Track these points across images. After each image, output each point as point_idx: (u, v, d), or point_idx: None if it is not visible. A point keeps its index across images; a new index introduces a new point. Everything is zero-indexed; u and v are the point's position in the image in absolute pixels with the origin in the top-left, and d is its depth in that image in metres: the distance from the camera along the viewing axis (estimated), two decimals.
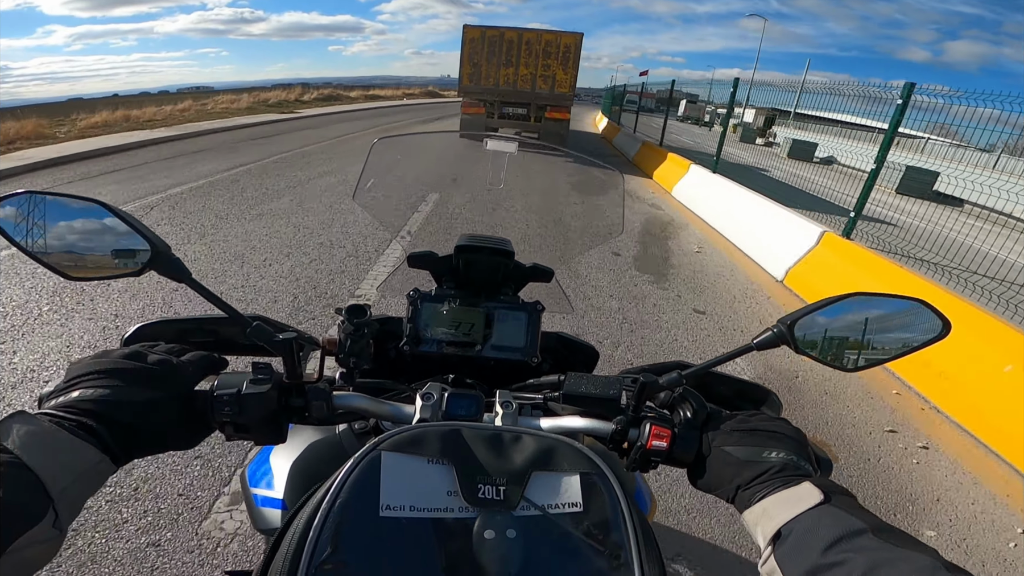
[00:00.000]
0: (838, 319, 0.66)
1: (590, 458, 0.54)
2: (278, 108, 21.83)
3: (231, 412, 0.59)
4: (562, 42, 13.14)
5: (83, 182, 6.94)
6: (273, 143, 11.83)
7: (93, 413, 0.51)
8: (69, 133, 10.86)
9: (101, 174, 7.46)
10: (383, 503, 0.47)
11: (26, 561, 0.42)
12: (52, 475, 0.44)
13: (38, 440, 0.46)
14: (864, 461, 2.73)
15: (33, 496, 0.43)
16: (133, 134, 11.16)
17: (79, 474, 0.47)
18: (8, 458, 0.43)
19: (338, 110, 23.89)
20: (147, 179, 7.25)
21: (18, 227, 0.57)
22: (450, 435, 0.54)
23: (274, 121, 16.79)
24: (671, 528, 2.10)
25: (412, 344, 0.90)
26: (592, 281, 4.60)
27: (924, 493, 2.57)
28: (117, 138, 10.52)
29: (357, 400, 0.68)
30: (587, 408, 0.69)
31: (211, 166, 8.46)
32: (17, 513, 0.41)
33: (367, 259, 4.65)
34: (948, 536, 2.33)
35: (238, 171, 8.22)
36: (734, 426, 0.63)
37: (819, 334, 0.65)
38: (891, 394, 3.46)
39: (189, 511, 1.95)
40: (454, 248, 0.96)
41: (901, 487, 2.58)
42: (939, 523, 2.40)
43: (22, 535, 0.41)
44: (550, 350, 0.98)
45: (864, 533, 0.46)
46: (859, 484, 2.54)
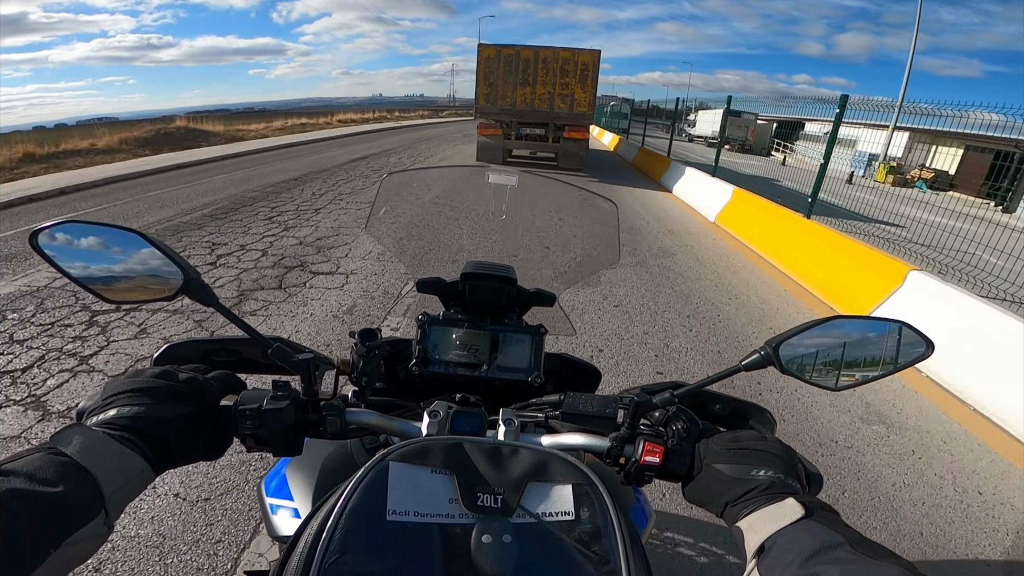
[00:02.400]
0: (822, 340, 0.67)
1: (582, 470, 0.56)
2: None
3: (253, 426, 0.62)
4: (579, 59, 12.58)
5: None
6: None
7: (133, 428, 0.56)
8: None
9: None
10: (390, 508, 0.50)
11: (77, 554, 0.46)
12: (106, 477, 0.49)
13: (94, 447, 0.51)
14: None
15: (91, 494, 0.47)
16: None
17: (127, 478, 0.52)
18: (69, 460, 0.48)
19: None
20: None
21: (61, 253, 0.62)
22: (452, 448, 0.57)
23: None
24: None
25: (421, 365, 0.92)
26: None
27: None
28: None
29: (368, 416, 0.71)
30: (585, 426, 0.71)
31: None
32: (77, 508, 0.46)
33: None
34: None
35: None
36: (725, 444, 0.64)
37: (804, 355, 0.67)
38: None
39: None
40: (460, 275, 0.99)
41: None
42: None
43: (79, 529, 0.45)
44: (554, 370, 0.99)
45: (841, 546, 0.48)
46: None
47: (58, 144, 13.60)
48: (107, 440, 0.53)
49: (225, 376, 0.69)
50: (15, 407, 2.66)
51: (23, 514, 0.42)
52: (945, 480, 2.68)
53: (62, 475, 0.46)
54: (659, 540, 2.09)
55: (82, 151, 13.60)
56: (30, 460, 0.47)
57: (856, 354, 0.69)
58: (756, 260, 6.62)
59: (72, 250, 0.63)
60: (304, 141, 19.13)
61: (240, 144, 17.49)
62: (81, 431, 0.53)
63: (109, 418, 0.56)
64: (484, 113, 13.31)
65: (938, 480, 2.67)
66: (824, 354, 0.68)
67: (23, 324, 3.64)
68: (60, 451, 0.49)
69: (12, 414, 2.60)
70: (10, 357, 3.17)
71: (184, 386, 0.62)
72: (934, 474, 2.72)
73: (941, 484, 2.64)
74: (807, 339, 0.66)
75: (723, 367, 0.67)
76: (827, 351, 0.68)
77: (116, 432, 0.55)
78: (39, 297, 4.12)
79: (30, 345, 3.33)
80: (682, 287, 5.33)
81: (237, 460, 2.32)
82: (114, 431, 0.55)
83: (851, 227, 6.84)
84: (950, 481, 2.67)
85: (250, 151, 15.52)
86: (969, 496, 2.57)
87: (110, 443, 0.53)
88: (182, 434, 0.59)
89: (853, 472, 2.65)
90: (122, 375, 0.63)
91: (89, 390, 2.82)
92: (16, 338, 3.42)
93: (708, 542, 2.08)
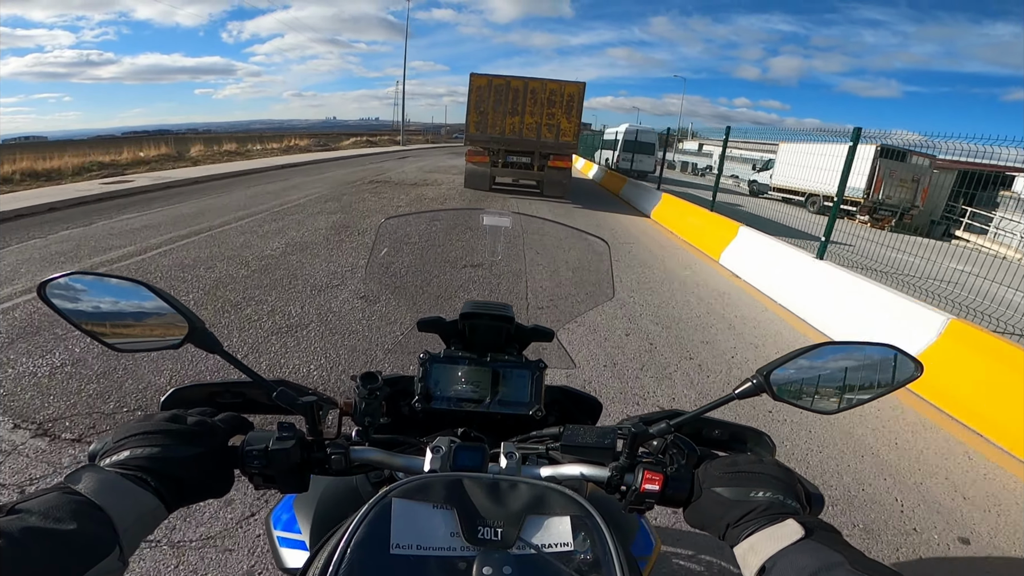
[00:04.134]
0: (813, 366, 0.68)
1: (579, 502, 0.57)
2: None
3: (260, 465, 0.62)
4: (566, 91, 12.94)
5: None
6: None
7: (145, 468, 0.56)
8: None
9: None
10: (393, 542, 0.50)
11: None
12: (119, 515, 0.49)
13: (107, 486, 0.51)
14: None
15: (105, 531, 0.48)
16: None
17: (140, 515, 0.52)
18: (84, 499, 0.49)
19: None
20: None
21: (68, 304, 0.62)
22: (453, 484, 0.58)
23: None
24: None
25: (424, 401, 0.92)
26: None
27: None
28: None
29: (372, 454, 0.71)
30: (584, 457, 0.71)
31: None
32: (92, 545, 0.46)
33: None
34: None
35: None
36: (724, 468, 0.64)
37: (795, 382, 0.68)
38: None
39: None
40: (459, 315, 1.00)
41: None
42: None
43: (94, 566, 0.45)
44: (556, 403, 0.99)
45: (841, 566, 0.47)
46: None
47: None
48: (120, 479, 0.53)
49: (232, 418, 0.69)
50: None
51: (39, 552, 0.42)
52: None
53: (76, 513, 0.46)
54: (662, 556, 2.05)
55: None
56: (45, 500, 0.47)
57: (846, 378, 0.69)
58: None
59: (79, 300, 0.63)
60: (208, 176, 12.81)
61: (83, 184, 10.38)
62: (94, 471, 0.53)
63: (122, 459, 0.57)
64: (474, 140, 13.50)
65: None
66: (815, 379, 0.68)
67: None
68: (74, 490, 0.49)
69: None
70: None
71: (194, 428, 0.62)
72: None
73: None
74: (797, 365, 0.67)
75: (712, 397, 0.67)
76: (818, 376, 0.68)
77: (129, 472, 0.55)
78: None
79: None
80: None
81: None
82: (127, 471, 0.55)
83: None
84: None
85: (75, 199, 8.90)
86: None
87: (123, 482, 0.53)
88: (193, 473, 0.59)
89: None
90: (133, 420, 0.63)
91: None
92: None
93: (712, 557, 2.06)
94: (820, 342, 0.69)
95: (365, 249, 6.64)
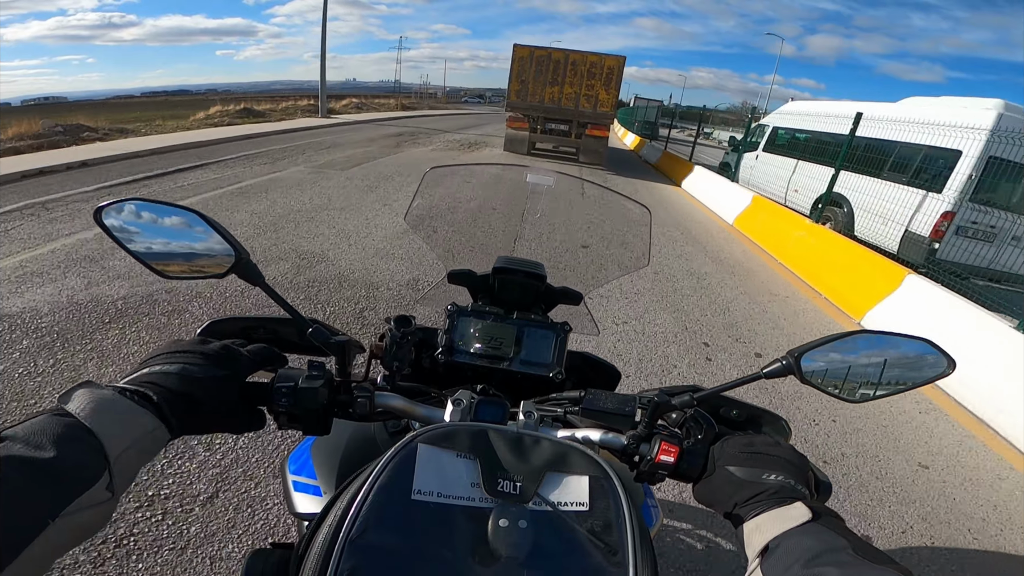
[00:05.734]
0: (844, 353, 0.66)
1: (599, 464, 0.56)
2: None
3: (287, 403, 0.63)
4: (606, 64, 13.19)
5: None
6: None
7: (155, 385, 0.53)
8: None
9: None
10: (415, 488, 0.51)
11: (80, 525, 0.41)
12: (111, 438, 0.44)
13: (99, 405, 0.46)
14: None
15: (92, 458, 0.43)
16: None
17: (136, 439, 0.47)
18: (70, 420, 0.44)
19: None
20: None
21: (122, 229, 0.63)
22: (478, 434, 0.57)
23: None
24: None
25: (447, 354, 0.92)
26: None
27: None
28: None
29: (396, 400, 0.71)
30: (604, 422, 0.70)
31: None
32: (76, 473, 0.41)
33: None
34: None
35: None
36: (739, 448, 0.63)
37: (825, 366, 0.65)
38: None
39: None
40: (491, 269, 0.98)
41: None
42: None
43: (79, 496, 0.40)
44: (575, 368, 0.98)
45: (844, 550, 0.47)
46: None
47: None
48: (117, 398, 0.48)
49: (262, 350, 0.67)
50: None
51: (18, 481, 0.38)
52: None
53: (63, 437, 0.42)
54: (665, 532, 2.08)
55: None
56: (32, 424, 0.42)
57: (877, 368, 0.67)
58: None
59: (132, 226, 0.63)
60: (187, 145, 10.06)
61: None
62: (89, 389, 0.48)
63: (135, 378, 0.54)
64: (514, 107, 13.92)
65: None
66: (845, 367, 0.66)
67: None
68: (64, 411, 0.45)
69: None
70: None
71: (219, 351, 0.61)
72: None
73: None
74: (829, 351, 0.65)
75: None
76: (848, 364, 0.66)
77: (132, 388, 0.51)
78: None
79: None
80: None
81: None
82: (131, 387, 0.52)
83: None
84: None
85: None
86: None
87: (120, 401, 0.48)
88: (210, 396, 0.57)
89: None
90: (162, 343, 0.63)
91: None
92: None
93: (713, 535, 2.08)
94: (855, 330, 0.66)
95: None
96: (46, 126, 10.05)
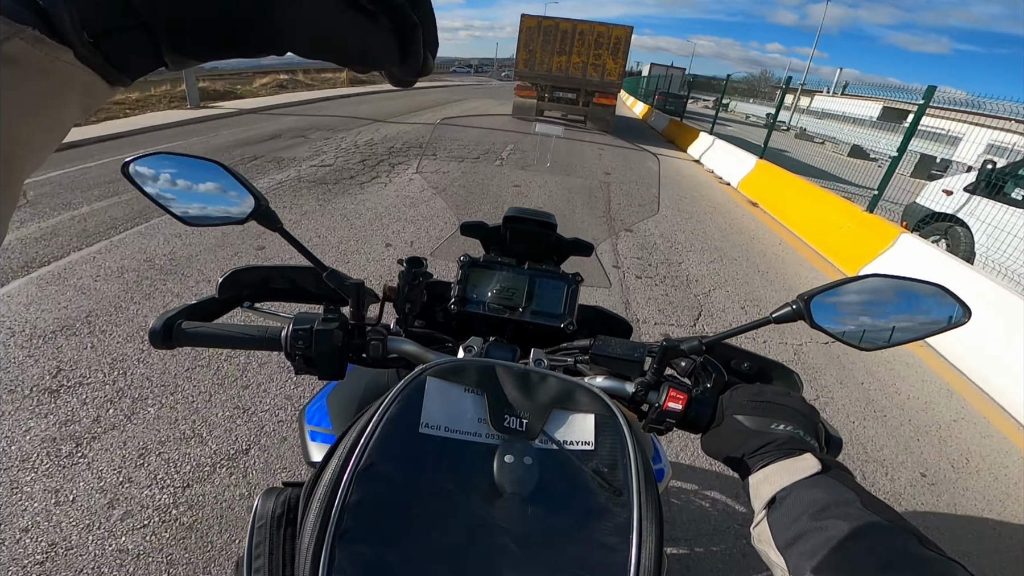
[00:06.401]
0: (855, 298, 0.64)
1: (605, 401, 0.56)
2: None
3: (303, 346, 0.64)
4: (613, 34, 13.17)
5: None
6: None
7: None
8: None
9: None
10: (423, 421, 0.51)
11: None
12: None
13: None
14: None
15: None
16: None
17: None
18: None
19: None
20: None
21: (147, 180, 0.66)
22: (486, 369, 0.58)
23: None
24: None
25: (459, 304, 0.92)
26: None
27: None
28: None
29: (408, 345, 0.71)
30: (612, 369, 0.70)
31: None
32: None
33: None
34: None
35: None
36: (749, 396, 0.63)
37: (835, 312, 0.64)
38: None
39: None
40: (503, 219, 0.98)
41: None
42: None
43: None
44: (587, 322, 0.98)
45: (852, 503, 0.46)
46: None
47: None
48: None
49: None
50: None
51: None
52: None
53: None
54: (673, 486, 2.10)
55: None
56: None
57: (888, 315, 0.65)
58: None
59: (157, 177, 0.67)
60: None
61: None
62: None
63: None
64: (523, 76, 14.00)
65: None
66: (856, 312, 0.64)
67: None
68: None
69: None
70: None
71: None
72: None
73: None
74: (840, 296, 0.63)
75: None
76: (859, 309, 0.64)
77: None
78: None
79: None
80: None
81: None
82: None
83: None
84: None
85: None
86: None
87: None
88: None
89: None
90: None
91: None
92: None
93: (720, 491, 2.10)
94: (867, 274, 0.65)
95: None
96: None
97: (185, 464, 1.93)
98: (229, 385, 2.38)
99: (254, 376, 2.45)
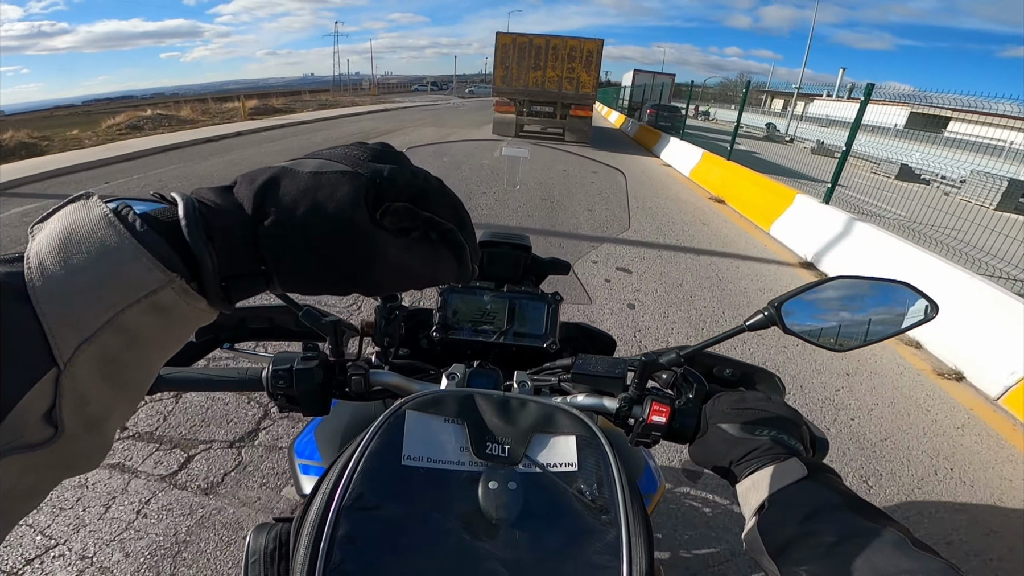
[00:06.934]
0: (825, 301, 0.65)
1: (585, 423, 0.56)
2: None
3: (284, 385, 0.64)
4: (585, 47, 13.42)
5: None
6: None
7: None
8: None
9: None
10: (405, 454, 0.51)
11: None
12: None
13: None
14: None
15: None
16: None
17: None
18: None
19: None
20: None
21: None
22: (465, 399, 0.58)
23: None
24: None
25: (442, 331, 0.92)
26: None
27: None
28: None
29: (390, 377, 0.71)
30: (595, 387, 0.70)
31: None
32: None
33: None
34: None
35: None
36: (731, 404, 0.62)
37: (806, 315, 0.65)
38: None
39: None
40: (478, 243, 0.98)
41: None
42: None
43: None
44: (571, 339, 0.99)
45: (840, 507, 0.46)
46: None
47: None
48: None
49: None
50: None
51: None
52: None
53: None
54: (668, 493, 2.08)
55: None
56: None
57: (859, 315, 0.66)
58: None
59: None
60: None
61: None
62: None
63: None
64: (501, 92, 14.26)
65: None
66: (827, 314, 0.65)
67: None
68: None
69: None
70: None
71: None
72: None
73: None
74: (809, 299, 0.64)
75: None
76: (830, 311, 0.66)
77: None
78: None
79: None
80: None
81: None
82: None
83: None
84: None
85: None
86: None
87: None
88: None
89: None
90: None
91: None
92: None
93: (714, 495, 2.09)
94: (833, 276, 0.66)
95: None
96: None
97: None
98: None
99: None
